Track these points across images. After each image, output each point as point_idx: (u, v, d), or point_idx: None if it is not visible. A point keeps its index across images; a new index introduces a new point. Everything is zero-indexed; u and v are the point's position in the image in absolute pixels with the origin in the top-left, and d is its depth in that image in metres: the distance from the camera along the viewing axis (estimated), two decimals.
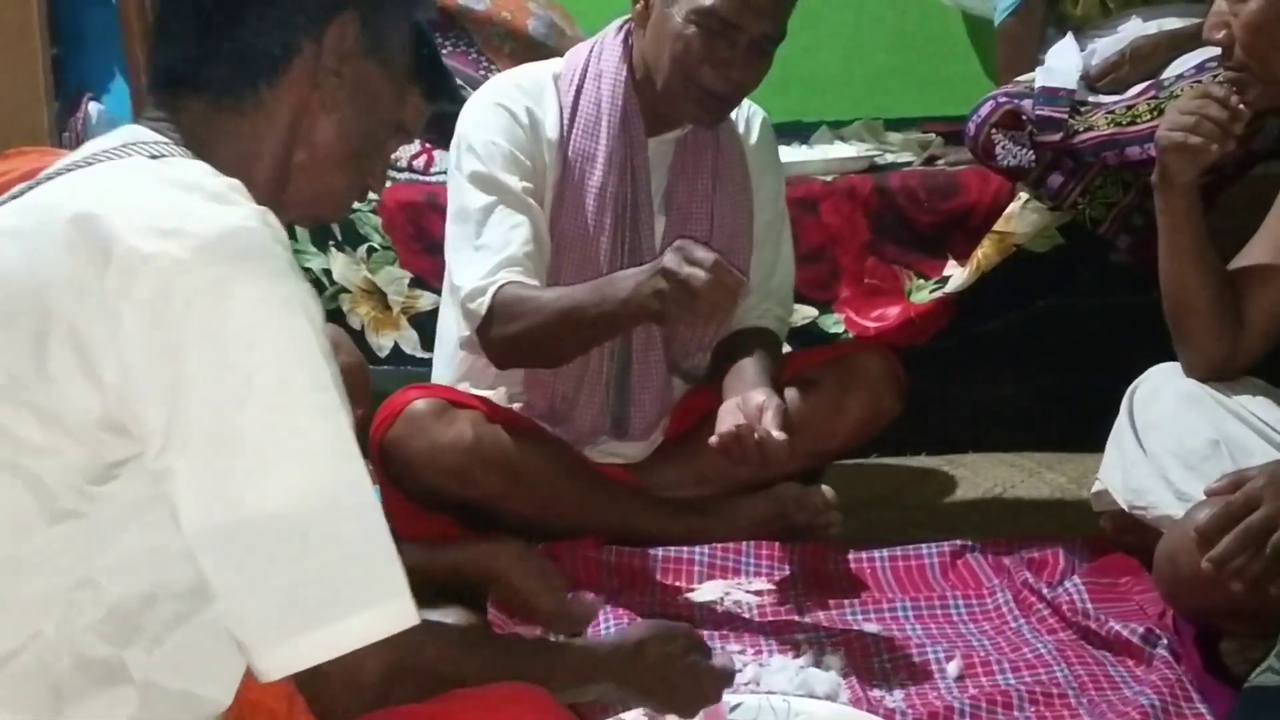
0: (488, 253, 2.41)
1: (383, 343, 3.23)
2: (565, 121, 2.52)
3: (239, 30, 1.30)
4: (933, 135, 3.60)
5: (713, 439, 2.31)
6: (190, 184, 1.18)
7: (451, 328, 2.60)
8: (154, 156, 1.24)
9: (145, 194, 1.17)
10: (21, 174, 1.33)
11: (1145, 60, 2.93)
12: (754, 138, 2.68)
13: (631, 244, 2.53)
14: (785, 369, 2.62)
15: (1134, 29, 3.01)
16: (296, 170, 1.34)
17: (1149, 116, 2.78)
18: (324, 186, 1.37)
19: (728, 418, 2.33)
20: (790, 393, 2.52)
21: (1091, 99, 2.93)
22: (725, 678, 1.56)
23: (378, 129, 1.39)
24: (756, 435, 2.26)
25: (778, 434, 2.27)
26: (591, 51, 2.57)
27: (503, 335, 2.40)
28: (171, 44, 1.34)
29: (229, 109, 1.31)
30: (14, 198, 1.26)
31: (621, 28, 2.58)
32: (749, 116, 2.68)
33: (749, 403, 2.31)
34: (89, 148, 1.30)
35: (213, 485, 1.12)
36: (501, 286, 2.38)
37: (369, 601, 1.14)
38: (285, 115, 1.32)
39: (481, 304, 2.38)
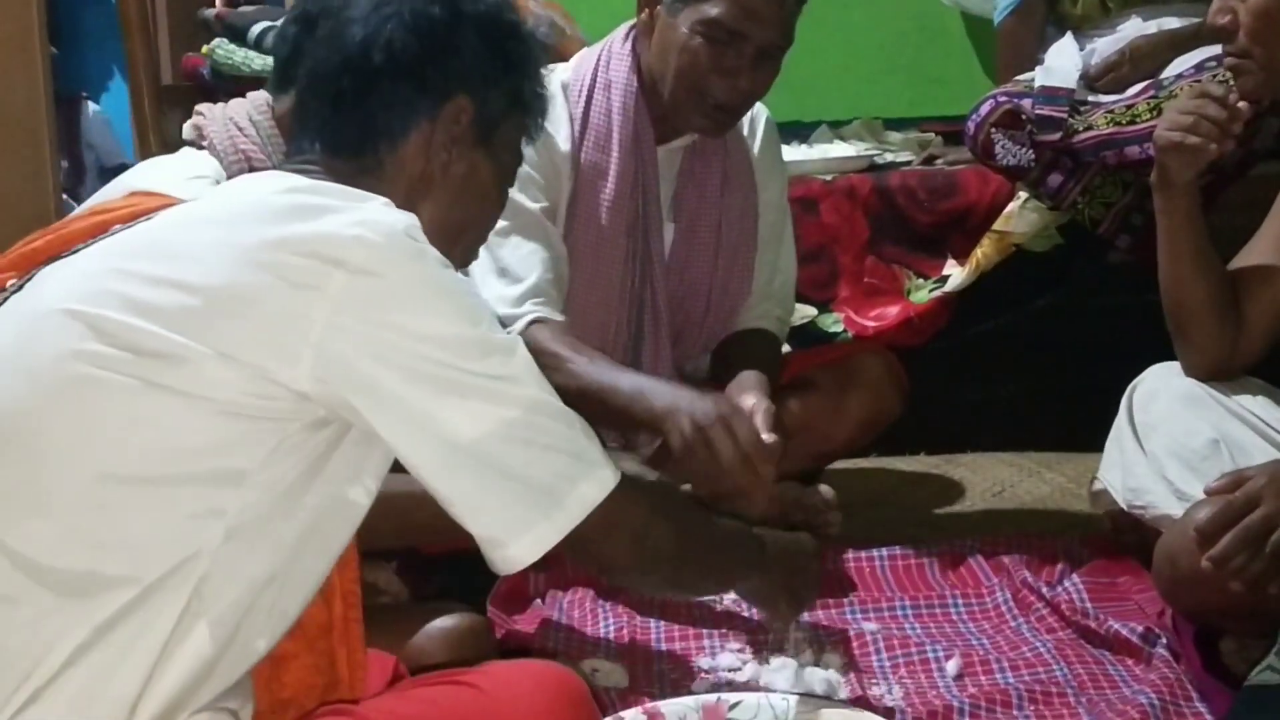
0: (511, 280, 2.38)
1: None
2: (576, 134, 2.49)
3: (364, 100, 1.47)
4: (932, 135, 3.60)
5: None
6: (355, 194, 1.36)
7: None
8: None
9: (326, 197, 1.35)
10: (158, 205, 1.44)
11: (1145, 60, 2.93)
12: (759, 139, 2.65)
13: (643, 254, 2.50)
14: (786, 370, 2.61)
15: (1134, 29, 3.02)
16: None
17: (1148, 116, 2.78)
18: None
19: None
20: (791, 394, 2.52)
21: (1091, 98, 2.93)
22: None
23: (479, 217, 1.56)
24: None
25: (767, 436, 2.26)
26: (599, 59, 2.53)
27: None
28: (308, 113, 1.51)
29: (354, 167, 1.46)
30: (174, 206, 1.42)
31: (628, 34, 2.53)
32: (754, 116, 2.65)
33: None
34: (244, 179, 1.49)
35: (427, 425, 1.31)
36: (531, 323, 2.34)
37: (584, 473, 1.37)
38: (401, 183, 1.47)
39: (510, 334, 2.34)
